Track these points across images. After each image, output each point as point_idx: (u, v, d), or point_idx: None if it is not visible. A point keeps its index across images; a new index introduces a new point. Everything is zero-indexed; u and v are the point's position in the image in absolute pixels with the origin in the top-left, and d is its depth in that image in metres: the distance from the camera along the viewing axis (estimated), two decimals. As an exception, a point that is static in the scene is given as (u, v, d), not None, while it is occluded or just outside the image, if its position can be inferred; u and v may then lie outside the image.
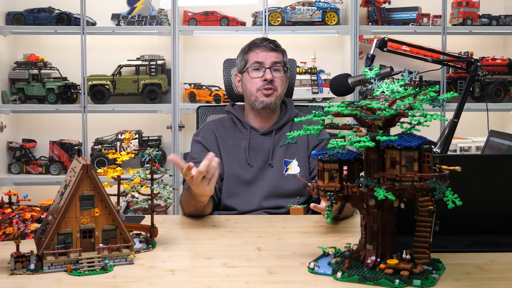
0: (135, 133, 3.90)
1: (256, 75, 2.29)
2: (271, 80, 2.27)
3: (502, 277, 1.41)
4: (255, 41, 2.36)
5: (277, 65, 2.30)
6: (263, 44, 2.32)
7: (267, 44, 2.32)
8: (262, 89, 2.27)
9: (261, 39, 2.37)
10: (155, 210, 1.67)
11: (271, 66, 2.29)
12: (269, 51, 2.30)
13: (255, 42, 2.35)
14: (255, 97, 2.29)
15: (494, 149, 2.19)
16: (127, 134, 1.76)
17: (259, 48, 2.32)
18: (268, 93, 2.27)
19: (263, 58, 2.29)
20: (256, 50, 2.32)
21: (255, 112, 2.33)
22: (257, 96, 2.28)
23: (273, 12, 3.81)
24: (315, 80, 3.87)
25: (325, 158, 1.41)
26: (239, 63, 2.38)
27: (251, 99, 2.31)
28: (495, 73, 3.93)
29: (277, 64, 2.30)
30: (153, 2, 3.92)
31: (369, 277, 1.34)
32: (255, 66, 2.30)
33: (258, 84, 2.28)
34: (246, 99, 2.36)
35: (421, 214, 1.36)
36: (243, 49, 2.38)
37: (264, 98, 2.28)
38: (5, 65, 3.94)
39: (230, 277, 1.43)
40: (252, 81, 2.30)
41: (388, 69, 2.23)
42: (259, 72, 2.29)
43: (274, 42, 2.35)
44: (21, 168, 3.93)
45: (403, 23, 3.93)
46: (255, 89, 2.29)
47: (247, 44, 2.38)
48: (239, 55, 2.39)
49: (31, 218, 1.56)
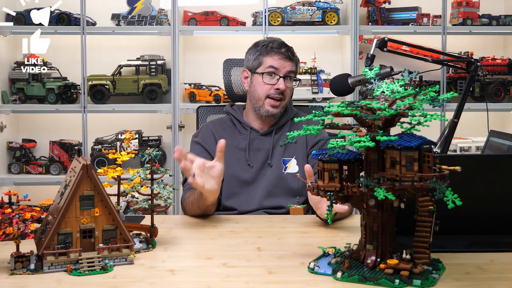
0: (135, 133, 3.90)
1: (269, 81, 2.27)
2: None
3: (502, 277, 1.41)
4: (274, 45, 2.30)
5: (290, 74, 2.28)
6: (282, 51, 2.28)
7: (285, 51, 2.28)
8: (271, 97, 2.25)
9: (279, 43, 2.31)
10: (155, 210, 1.67)
11: (285, 75, 2.27)
12: (286, 60, 2.27)
13: (273, 46, 2.29)
14: (262, 103, 2.27)
15: (494, 149, 2.19)
16: (127, 134, 1.76)
17: (277, 55, 2.27)
18: (276, 104, 2.26)
19: (279, 66, 2.26)
20: (274, 56, 2.27)
21: (257, 116, 2.32)
22: (264, 103, 2.27)
23: (273, 12, 3.81)
24: (315, 80, 3.87)
25: (325, 158, 1.41)
26: (251, 60, 2.33)
27: (257, 104, 2.29)
28: (495, 73, 3.93)
29: (290, 73, 2.28)
30: (153, 2, 3.92)
31: (369, 277, 1.34)
32: (269, 71, 2.27)
33: (269, 91, 2.26)
34: (251, 100, 2.33)
35: (421, 214, 1.36)
36: (259, 49, 2.32)
37: (271, 108, 2.27)
38: (5, 65, 3.94)
39: (230, 277, 1.43)
40: (263, 86, 2.27)
41: (388, 69, 2.23)
42: (273, 79, 2.27)
43: (291, 50, 2.31)
44: (21, 168, 3.93)
45: (403, 23, 3.93)
46: (265, 94, 2.27)
47: (265, 44, 2.31)
48: (252, 51, 2.34)
49: (31, 218, 1.56)
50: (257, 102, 2.29)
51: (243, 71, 2.38)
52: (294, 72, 2.31)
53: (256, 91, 2.29)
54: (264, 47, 2.31)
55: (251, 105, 2.34)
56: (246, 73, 2.36)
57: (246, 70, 2.36)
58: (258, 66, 2.30)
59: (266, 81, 2.27)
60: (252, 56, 2.33)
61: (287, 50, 2.30)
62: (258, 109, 2.29)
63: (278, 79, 2.26)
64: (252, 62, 2.32)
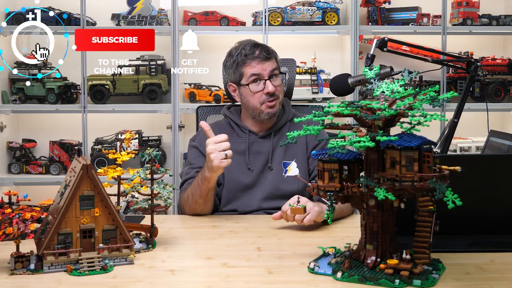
0: (135, 133, 3.90)
1: (257, 89, 2.23)
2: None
3: (502, 277, 1.41)
4: (246, 51, 2.24)
5: (274, 72, 2.25)
6: (256, 54, 2.23)
7: (260, 54, 2.23)
8: (266, 102, 2.23)
9: (251, 46, 2.25)
10: (155, 210, 1.68)
11: (269, 76, 2.24)
12: (264, 61, 2.23)
13: (247, 54, 2.24)
14: (260, 110, 2.25)
15: (494, 149, 2.19)
16: (127, 134, 1.75)
17: (254, 61, 2.22)
18: (272, 104, 2.24)
19: (260, 70, 2.22)
20: (251, 62, 2.23)
21: (257, 119, 2.30)
22: (262, 109, 2.24)
23: (273, 12, 3.81)
24: (315, 80, 3.87)
25: (325, 158, 1.41)
26: (231, 74, 2.28)
27: (255, 112, 2.26)
28: (495, 73, 3.93)
29: (274, 71, 2.25)
30: (153, 2, 3.92)
31: (369, 277, 1.34)
32: (253, 79, 2.23)
33: (261, 98, 2.23)
34: (248, 110, 2.30)
35: (421, 214, 1.36)
36: (234, 60, 2.26)
37: (269, 110, 2.24)
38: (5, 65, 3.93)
39: (230, 277, 1.43)
40: (254, 96, 2.24)
41: (388, 69, 2.23)
42: (259, 85, 2.23)
43: (266, 49, 2.26)
44: (21, 168, 3.93)
45: (403, 23, 3.93)
46: (259, 103, 2.24)
47: (238, 53, 2.25)
48: (228, 64, 2.29)
49: (31, 218, 1.56)
50: (254, 111, 2.27)
51: (229, 85, 2.34)
52: (277, 68, 2.27)
53: (249, 102, 2.26)
54: (238, 56, 2.25)
55: (248, 114, 2.31)
56: (232, 87, 2.33)
57: (231, 84, 2.32)
58: (241, 78, 2.26)
59: (254, 90, 2.23)
60: (231, 69, 2.29)
61: (261, 50, 2.25)
62: (258, 116, 2.27)
63: (264, 82, 2.23)
64: (233, 76, 2.29)
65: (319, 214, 1.86)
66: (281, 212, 1.91)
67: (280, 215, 1.91)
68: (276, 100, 2.26)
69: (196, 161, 2.25)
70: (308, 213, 1.85)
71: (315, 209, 1.87)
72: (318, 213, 1.86)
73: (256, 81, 2.23)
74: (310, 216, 1.85)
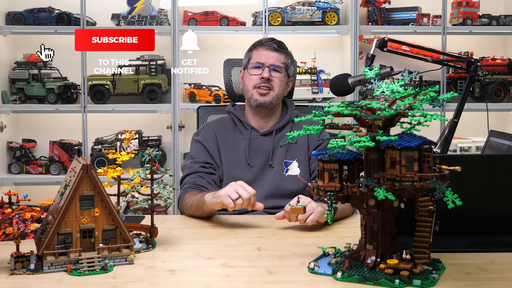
0: (135, 133, 3.89)
1: (255, 72, 2.31)
2: (268, 79, 2.27)
3: (502, 277, 1.41)
4: (261, 40, 2.38)
5: (277, 64, 2.30)
6: (267, 43, 2.34)
7: (271, 44, 2.33)
8: (258, 87, 2.28)
9: (268, 38, 2.40)
10: (155, 210, 1.67)
11: (270, 65, 2.29)
12: (271, 51, 2.32)
13: (260, 41, 2.37)
14: (251, 94, 2.31)
15: (494, 149, 2.19)
16: (127, 134, 1.75)
17: (262, 47, 2.33)
18: (263, 92, 2.28)
19: (265, 57, 2.31)
20: (260, 48, 2.33)
21: (252, 110, 2.34)
22: (253, 94, 2.30)
23: (273, 12, 3.81)
24: (315, 80, 3.87)
25: (325, 158, 1.41)
26: (244, 59, 2.40)
27: (248, 96, 2.33)
28: (495, 73, 3.93)
29: (278, 63, 2.30)
30: (153, 2, 3.92)
31: (369, 277, 1.35)
32: (255, 65, 2.31)
33: (255, 81, 2.29)
34: (245, 95, 2.37)
35: (421, 214, 1.36)
36: (250, 47, 2.40)
37: (259, 97, 2.28)
38: (5, 65, 3.94)
39: (230, 277, 1.43)
40: (250, 78, 2.31)
41: (388, 69, 2.23)
42: (259, 70, 2.30)
43: (279, 43, 2.36)
44: (21, 168, 3.93)
45: (403, 23, 3.93)
46: (252, 86, 2.30)
47: (255, 42, 2.40)
48: (245, 53, 2.41)
49: (31, 218, 1.56)
50: (246, 94, 2.34)
51: (240, 72, 2.43)
52: (284, 64, 2.32)
53: (245, 85, 2.34)
54: (253, 44, 2.38)
55: (247, 101, 2.36)
56: (241, 73, 2.42)
57: (241, 70, 2.42)
58: (248, 62, 2.35)
59: (252, 72, 2.31)
60: (245, 55, 2.40)
61: (274, 42, 2.35)
62: (249, 101, 2.32)
63: (263, 69, 2.29)
64: (244, 61, 2.39)
65: (322, 214, 1.86)
66: (284, 212, 1.91)
67: (283, 215, 1.91)
68: (270, 91, 2.28)
69: (199, 155, 2.27)
70: (311, 213, 1.85)
71: (318, 209, 1.87)
72: (321, 213, 1.86)
73: (258, 67, 2.31)
74: (313, 216, 1.85)
